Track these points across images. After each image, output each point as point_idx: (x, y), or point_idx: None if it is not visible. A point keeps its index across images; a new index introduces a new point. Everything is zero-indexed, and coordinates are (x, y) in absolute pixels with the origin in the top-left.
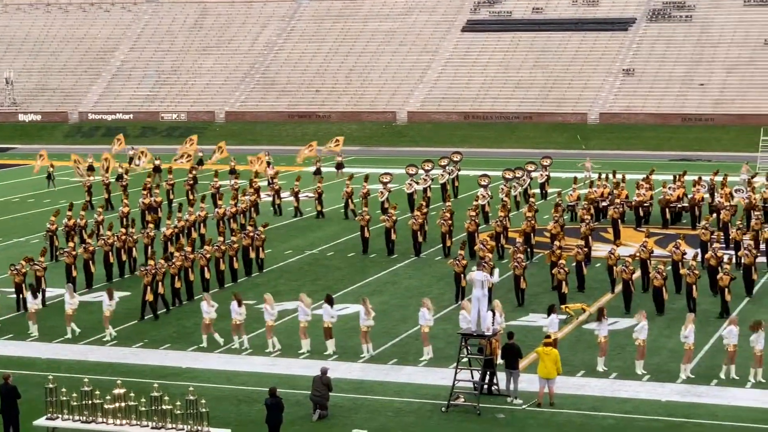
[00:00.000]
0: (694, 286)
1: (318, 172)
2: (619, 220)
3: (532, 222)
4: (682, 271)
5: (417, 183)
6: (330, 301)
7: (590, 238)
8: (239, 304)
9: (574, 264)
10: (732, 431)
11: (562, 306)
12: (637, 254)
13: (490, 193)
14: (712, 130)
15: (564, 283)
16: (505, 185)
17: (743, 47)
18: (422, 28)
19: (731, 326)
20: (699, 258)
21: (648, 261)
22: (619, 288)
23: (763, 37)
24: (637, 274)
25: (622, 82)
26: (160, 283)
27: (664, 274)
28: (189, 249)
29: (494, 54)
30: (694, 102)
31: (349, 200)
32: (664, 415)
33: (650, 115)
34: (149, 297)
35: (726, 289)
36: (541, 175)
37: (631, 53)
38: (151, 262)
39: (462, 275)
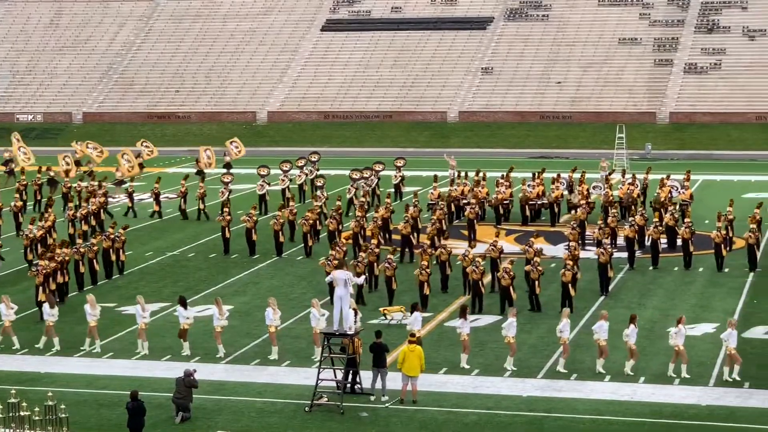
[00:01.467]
0: (536, 282)
1: (200, 172)
2: (475, 221)
3: (374, 221)
4: (526, 268)
5: (269, 184)
6: (183, 303)
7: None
8: (92, 306)
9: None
10: (591, 424)
11: (381, 309)
12: (487, 254)
13: (326, 194)
14: (570, 127)
15: (426, 284)
16: (352, 185)
17: (598, 46)
18: (281, 28)
19: (601, 321)
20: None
21: (498, 260)
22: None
23: (617, 36)
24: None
25: (480, 80)
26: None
27: (512, 273)
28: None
29: (354, 53)
30: (551, 100)
31: (201, 201)
32: (526, 410)
33: (509, 113)
34: (42, 297)
35: (570, 285)
36: (395, 176)
37: (489, 52)
38: (41, 262)
39: None
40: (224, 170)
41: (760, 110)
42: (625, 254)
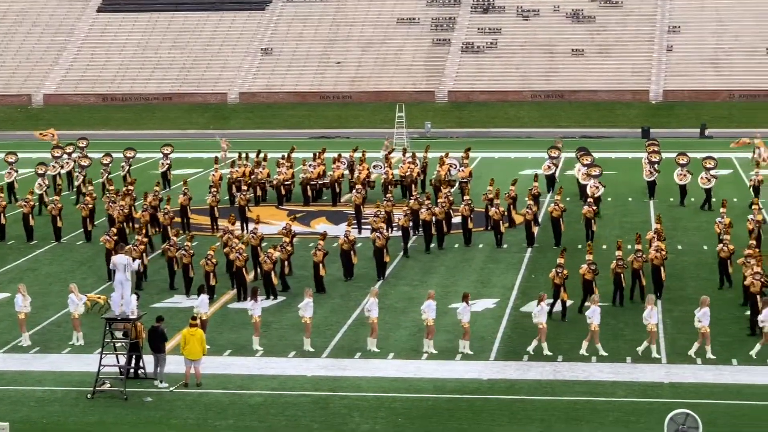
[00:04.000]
0: (321, 265)
1: None
2: (249, 203)
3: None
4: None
5: (17, 171)
6: None
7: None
8: None
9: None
10: (376, 401)
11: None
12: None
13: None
14: (350, 107)
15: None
16: (104, 170)
17: (377, 26)
18: (56, 8)
19: (429, 301)
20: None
21: (258, 247)
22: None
23: (395, 16)
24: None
25: (260, 61)
26: None
27: (274, 257)
28: None
29: (131, 34)
30: (331, 80)
31: None
32: (311, 390)
33: (289, 93)
34: None
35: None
36: (162, 163)
37: (268, 33)
38: None
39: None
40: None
41: (535, 89)
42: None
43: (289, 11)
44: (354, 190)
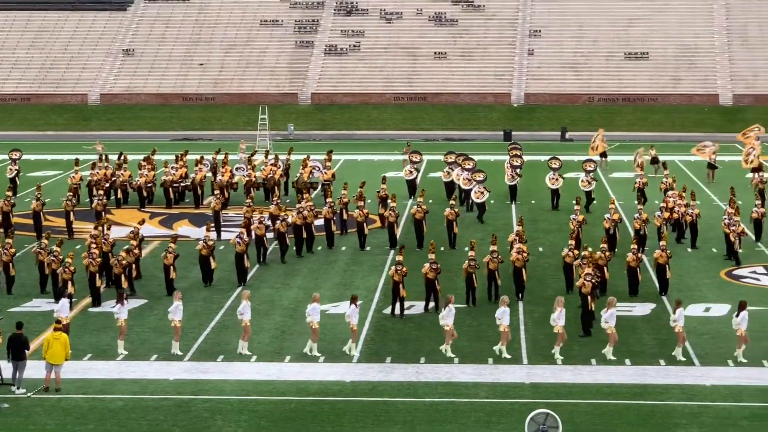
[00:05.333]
0: (171, 268)
1: None
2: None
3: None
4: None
5: None
6: None
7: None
8: None
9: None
10: (239, 404)
11: None
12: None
13: None
14: (213, 109)
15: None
16: None
17: (240, 28)
18: None
19: (353, 306)
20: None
21: (110, 252)
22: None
23: (258, 18)
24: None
25: (122, 62)
26: None
27: (124, 262)
28: None
29: None
30: (194, 82)
31: None
32: (173, 394)
33: (151, 95)
34: None
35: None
36: (10, 169)
37: (130, 33)
38: None
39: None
40: None
41: (398, 91)
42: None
43: (151, 12)
44: (213, 196)
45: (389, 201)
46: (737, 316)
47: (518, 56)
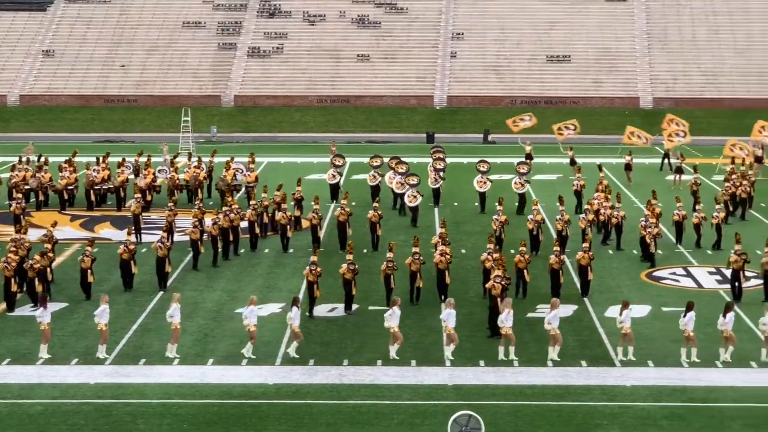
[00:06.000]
0: (89, 271)
1: None
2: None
3: None
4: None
5: None
6: None
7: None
8: None
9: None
10: (161, 408)
11: None
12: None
13: None
14: (135, 111)
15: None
16: None
17: (162, 29)
18: None
19: (294, 308)
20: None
21: (26, 256)
22: None
23: (181, 19)
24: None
25: (42, 63)
26: None
27: (37, 266)
28: None
29: None
30: (116, 83)
31: None
32: (93, 398)
33: (72, 96)
34: None
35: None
36: None
37: (50, 34)
38: None
39: None
40: None
41: (321, 93)
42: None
43: (71, 12)
44: (133, 199)
45: (313, 204)
46: (684, 316)
47: (441, 59)
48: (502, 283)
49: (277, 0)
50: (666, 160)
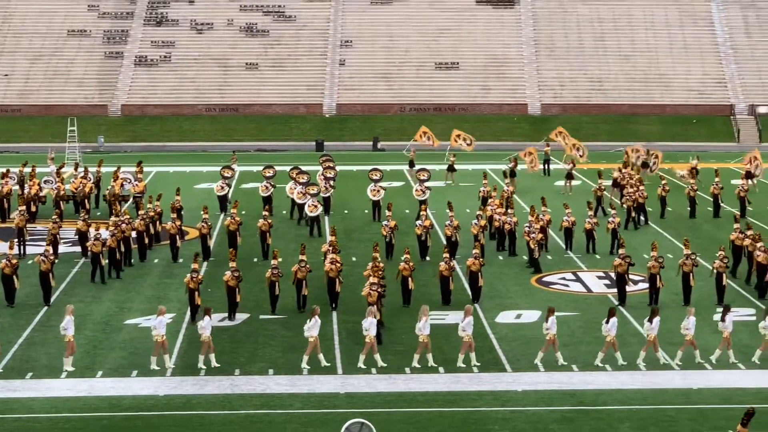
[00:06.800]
0: (15, 277)
1: None
2: None
3: None
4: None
5: None
6: None
7: None
8: None
9: None
10: (48, 422)
11: None
12: None
13: None
14: (19, 121)
15: None
16: None
17: (47, 38)
18: None
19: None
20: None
21: None
22: None
23: (66, 28)
24: None
25: None
26: None
27: None
28: None
29: None
30: None
31: None
32: None
33: None
34: None
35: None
36: None
37: None
38: None
39: None
40: None
41: (210, 102)
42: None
43: None
44: (17, 211)
45: (202, 213)
46: (607, 322)
47: (330, 66)
48: (378, 290)
49: (164, 8)
50: (547, 165)
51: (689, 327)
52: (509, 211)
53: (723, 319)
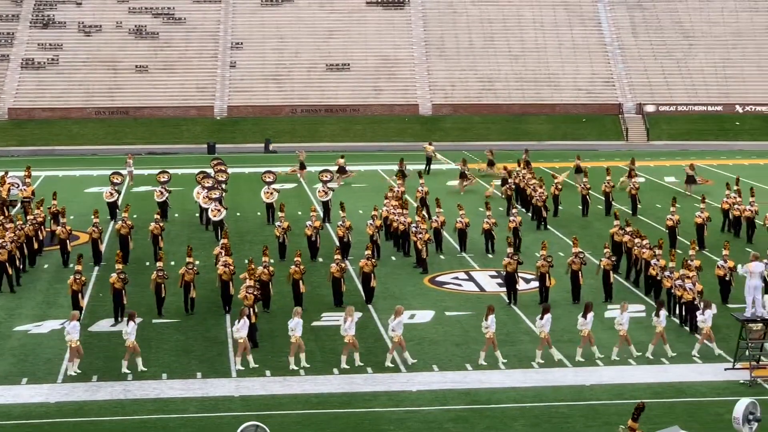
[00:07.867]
0: None
1: None
2: None
3: None
4: None
5: None
6: None
7: None
8: None
9: None
10: None
11: None
12: None
13: None
14: None
15: None
16: None
17: None
18: None
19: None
20: None
21: None
22: None
23: None
24: None
25: None
26: None
27: None
28: None
29: None
30: None
31: None
32: None
33: None
34: None
35: None
36: None
37: None
38: None
39: None
40: None
41: (99, 105)
42: None
43: None
44: None
45: (92, 217)
46: (585, 318)
47: (220, 69)
48: (254, 293)
49: (51, 10)
50: (429, 166)
51: (623, 322)
52: (405, 212)
53: (657, 314)
